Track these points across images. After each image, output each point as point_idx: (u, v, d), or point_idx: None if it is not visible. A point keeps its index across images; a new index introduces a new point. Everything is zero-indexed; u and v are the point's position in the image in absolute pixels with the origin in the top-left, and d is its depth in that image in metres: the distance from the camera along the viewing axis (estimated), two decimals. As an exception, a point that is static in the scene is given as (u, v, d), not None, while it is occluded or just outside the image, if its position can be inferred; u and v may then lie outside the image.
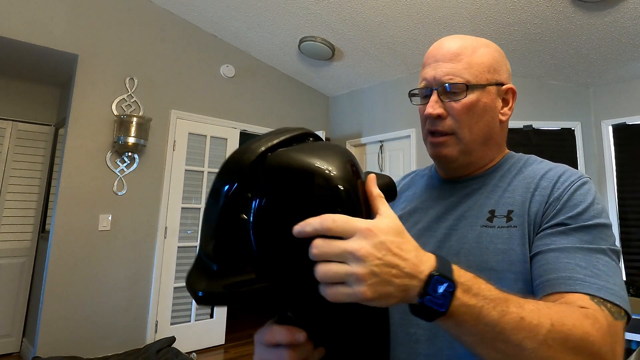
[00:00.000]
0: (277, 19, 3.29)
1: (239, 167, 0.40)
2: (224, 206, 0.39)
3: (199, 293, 0.39)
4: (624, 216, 3.19)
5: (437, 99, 0.67)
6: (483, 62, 0.68)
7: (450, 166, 0.72)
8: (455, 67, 0.66)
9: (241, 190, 0.39)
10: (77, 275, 2.85)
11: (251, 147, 0.41)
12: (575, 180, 0.62)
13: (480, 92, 0.67)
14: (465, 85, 0.66)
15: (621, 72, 3.20)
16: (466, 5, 2.71)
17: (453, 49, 0.68)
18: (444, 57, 0.68)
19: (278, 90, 4.17)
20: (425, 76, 0.69)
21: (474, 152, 0.69)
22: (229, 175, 0.40)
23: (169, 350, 2.79)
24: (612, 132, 3.35)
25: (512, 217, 0.63)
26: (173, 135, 3.40)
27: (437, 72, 0.67)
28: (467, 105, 0.66)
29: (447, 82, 0.66)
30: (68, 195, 2.86)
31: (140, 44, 3.28)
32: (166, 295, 3.26)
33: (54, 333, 2.73)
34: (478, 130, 0.68)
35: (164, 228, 3.30)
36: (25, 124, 3.49)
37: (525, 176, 0.67)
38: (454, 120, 0.67)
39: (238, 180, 0.40)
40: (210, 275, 0.40)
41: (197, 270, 0.42)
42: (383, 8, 2.90)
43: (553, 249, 0.56)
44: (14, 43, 2.80)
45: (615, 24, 2.65)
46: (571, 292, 0.51)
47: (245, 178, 0.39)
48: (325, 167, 0.39)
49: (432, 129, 0.68)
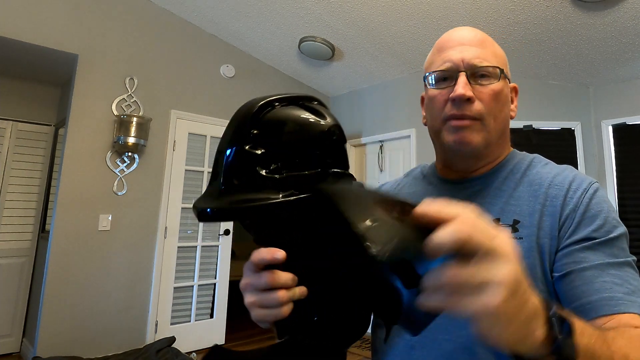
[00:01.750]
0: (277, 19, 3.29)
1: (247, 112, 0.47)
2: (232, 140, 0.46)
3: (207, 210, 0.44)
4: (624, 216, 3.19)
5: (467, 81, 0.63)
6: (501, 54, 0.68)
7: (466, 157, 0.67)
8: (483, 52, 0.65)
9: (248, 128, 0.46)
10: (77, 276, 2.85)
11: (258, 98, 0.49)
12: (587, 187, 0.60)
13: (504, 82, 0.66)
14: (499, 68, 0.64)
15: (621, 72, 3.20)
16: (466, 5, 2.71)
17: (478, 36, 0.67)
18: (470, 42, 0.65)
19: (278, 90, 4.13)
20: (450, 58, 0.65)
21: (492, 144, 0.66)
22: (239, 117, 0.48)
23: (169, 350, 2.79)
24: (612, 132, 3.36)
25: (518, 228, 0.60)
26: (173, 135, 3.40)
27: (465, 55, 0.64)
28: (496, 91, 0.64)
29: (478, 64, 0.63)
30: (68, 195, 2.86)
31: (140, 44, 3.28)
32: (166, 295, 3.26)
33: (54, 333, 2.73)
34: (501, 120, 0.66)
35: (164, 228, 3.30)
36: (25, 124, 3.49)
37: (531, 182, 0.64)
38: (482, 105, 0.63)
39: (245, 120, 0.47)
40: (216, 195, 0.46)
41: (205, 195, 0.48)
42: (383, 8, 2.90)
43: (586, 268, 0.54)
44: (14, 43, 2.80)
45: (615, 24, 2.65)
46: (618, 314, 0.50)
47: (252, 119, 0.46)
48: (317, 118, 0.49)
49: (459, 113, 0.63)
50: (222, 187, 0.46)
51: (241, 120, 0.47)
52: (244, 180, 0.45)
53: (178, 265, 3.36)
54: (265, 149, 0.46)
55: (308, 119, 0.48)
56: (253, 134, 0.46)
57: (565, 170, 0.65)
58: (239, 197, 0.45)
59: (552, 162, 0.69)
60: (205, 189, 0.47)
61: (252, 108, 0.47)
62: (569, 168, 0.66)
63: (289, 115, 0.48)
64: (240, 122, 0.47)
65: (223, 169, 0.46)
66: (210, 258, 3.58)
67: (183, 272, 3.39)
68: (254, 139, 0.46)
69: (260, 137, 0.46)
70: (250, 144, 0.46)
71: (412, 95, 3.70)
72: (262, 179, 0.45)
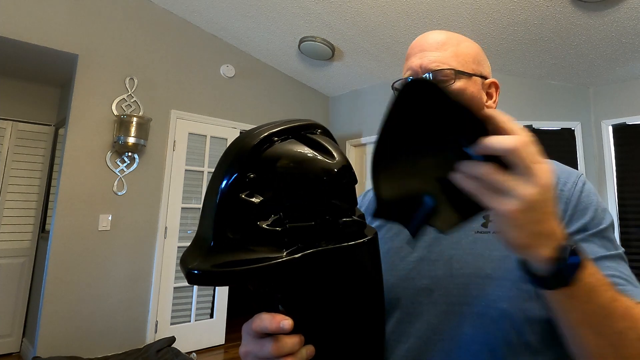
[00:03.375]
0: (277, 19, 3.29)
1: (242, 151, 0.41)
2: (225, 185, 0.40)
3: (195, 272, 0.38)
4: (624, 216, 3.19)
5: None
6: (468, 52, 0.68)
7: None
8: (442, 55, 0.66)
9: (243, 171, 0.40)
10: (77, 275, 2.85)
11: (253, 133, 0.43)
12: (575, 180, 0.62)
13: (467, 81, 0.66)
14: (454, 71, 0.65)
15: (621, 72, 3.20)
16: (466, 5, 2.71)
17: (439, 39, 0.68)
18: (430, 47, 0.67)
19: (278, 90, 4.17)
20: (411, 65, 0.68)
21: None
22: (232, 158, 0.42)
23: (169, 350, 2.79)
24: (612, 132, 3.35)
25: None
26: (173, 135, 3.40)
27: (423, 61, 0.66)
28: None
29: (434, 68, 0.65)
30: (68, 195, 2.86)
31: (140, 44, 3.28)
32: (166, 295, 3.26)
33: (54, 333, 2.73)
34: None
35: (164, 228, 3.30)
36: (25, 124, 3.49)
37: None
38: None
39: (240, 162, 0.41)
40: (206, 250, 0.40)
41: (194, 247, 0.42)
42: (383, 8, 2.90)
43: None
44: (14, 43, 2.80)
45: (615, 24, 2.65)
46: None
47: (247, 161, 0.41)
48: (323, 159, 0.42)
49: None
50: (212, 243, 0.39)
51: (235, 160, 0.41)
52: (239, 234, 0.39)
53: (178, 266, 3.36)
54: (264, 196, 0.40)
55: (314, 158, 0.41)
56: (250, 179, 0.40)
57: (551, 164, 0.66)
58: (234, 256, 0.38)
59: None
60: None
61: (246, 146, 0.41)
62: (554, 162, 0.67)
63: (291, 154, 0.41)
64: (235, 163, 0.40)
65: (214, 219, 0.40)
66: (210, 258, 3.57)
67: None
68: (251, 184, 0.40)
69: (258, 183, 0.40)
70: (246, 191, 0.40)
71: (412, 95, 3.70)
72: (261, 233, 0.39)
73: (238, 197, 0.39)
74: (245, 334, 0.45)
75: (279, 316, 0.42)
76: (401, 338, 0.62)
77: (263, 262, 0.38)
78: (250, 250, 0.39)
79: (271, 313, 0.42)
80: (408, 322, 0.62)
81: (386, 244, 0.69)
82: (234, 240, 0.39)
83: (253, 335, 0.44)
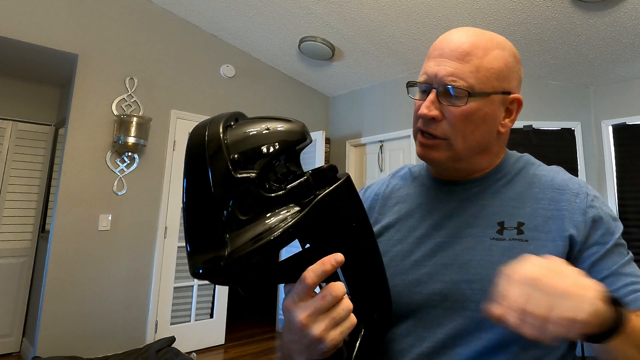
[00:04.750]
0: (277, 19, 3.29)
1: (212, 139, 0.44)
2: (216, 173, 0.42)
3: (221, 265, 0.40)
4: (624, 216, 3.19)
5: (434, 99, 0.61)
6: (493, 67, 0.61)
7: (437, 169, 0.70)
8: (461, 68, 0.60)
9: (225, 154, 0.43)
10: (77, 275, 2.85)
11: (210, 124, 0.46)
12: (586, 191, 0.64)
13: (482, 101, 0.61)
14: (468, 91, 0.59)
15: (621, 72, 3.20)
16: (466, 6, 2.71)
17: (463, 46, 0.61)
18: (450, 54, 0.61)
19: (278, 90, 4.17)
20: (427, 70, 0.63)
21: (464, 160, 0.65)
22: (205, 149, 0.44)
23: (169, 350, 2.79)
24: (612, 132, 3.35)
25: (523, 231, 0.60)
26: (173, 135, 3.40)
27: (440, 70, 0.60)
28: (465, 112, 0.60)
29: (449, 83, 0.59)
30: (68, 195, 2.86)
31: (140, 44, 3.28)
32: (166, 295, 3.26)
33: (54, 333, 2.73)
34: (473, 139, 0.62)
35: (164, 228, 3.30)
36: (25, 124, 3.49)
37: (530, 184, 0.66)
38: (449, 125, 0.61)
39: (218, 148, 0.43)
40: (220, 245, 0.41)
41: (200, 252, 0.44)
42: (383, 8, 2.90)
43: (607, 275, 0.59)
44: (14, 43, 2.80)
45: (615, 24, 2.65)
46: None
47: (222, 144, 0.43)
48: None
49: (425, 129, 0.63)
50: (226, 232, 0.40)
51: (211, 149, 0.42)
52: (250, 211, 0.41)
53: (178, 265, 3.36)
54: (255, 168, 0.42)
55: (276, 125, 0.46)
56: (235, 158, 0.41)
57: (559, 172, 0.67)
58: (255, 231, 0.40)
59: (541, 163, 0.71)
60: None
61: (214, 134, 0.43)
62: (561, 170, 0.68)
63: (258, 128, 0.45)
64: (213, 151, 0.42)
65: (218, 209, 0.41)
66: (210, 258, 3.57)
67: (183, 272, 3.39)
68: (238, 163, 0.41)
69: (245, 158, 0.42)
70: (240, 170, 0.41)
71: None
72: (268, 201, 0.42)
73: (234, 178, 0.41)
74: (295, 305, 0.44)
75: (326, 258, 0.44)
76: (415, 342, 0.61)
77: (286, 222, 0.41)
78: (266, 219, 0.41)
79: (315, 263, 0.44)
80: (422, 327, 0.61)
81: (394, 247, 0.68)
82: (246, 220, 0.41)
83: (303, 298, 0.44)
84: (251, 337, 3.82)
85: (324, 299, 0.43)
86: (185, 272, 3.42)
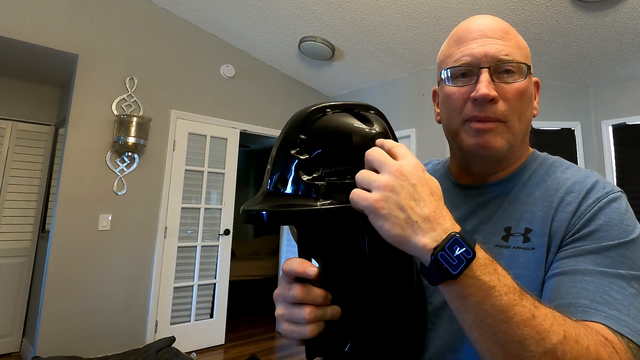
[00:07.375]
0: (277, 19, 3.29)
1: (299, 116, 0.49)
2: (281, 143, 0.47)
3: (252, 212, 0.44)
4: (624, 216, 3.19)
5: (489, 79, 0.56)
6: (526, 46, 0.61)
7: (487, 161, 0.61)
8: (508, 44, 0.58)
9: (296, 132, 0.47)
10: (77, 275, 2.85)
11: (313, 105, 0.50)
12: (602, 196, 0.54)
13: (530, 79, 0.59)
14: (527, 65, 0.57)
15: (621, 72, 3.20)
16: (466, 6, 2.71)
17: (501, 25, 0.59)
18: (493, 33, 0.58)
19: (278, 90, 4.18)
20: (471, 52, 0.58)
21: (515, 146, 0.60)
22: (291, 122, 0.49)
23: (169, 350, 2.79)
24: (612, 132, 3.35)
25: (529, 238, 0.55)
26: (173, 135, 3.40)
27: (488, 48, 0.57)
28: (521, 90, 0.57)
29: (505, 59, 0.56)
30: (68, 195, 2.86)
31: (140, 44, 3.28)
32: (166, 295, 3.26)
33: (54, 333, 2.73)
34: (525, 121, 0.59)
35: (164, 228, 3.30)
36: (25, 124, 3.49)
37: (548, 187, 0.58)
38: (506, 105, 0.57)
39: (295, 125, 0.48)
40: (261, 198, 0.46)
41: (254, 198, 0.49)
42: (383, 8, 2.90)
43: (558, 273, 0.50)
44: (14, 43, 2.80)
45: (615, 24, 2.65)
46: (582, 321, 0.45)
47: (301, 124, 0.47)
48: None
49: (481, 115, 0.56)
50: (269, 189, 0.47)
51: (292, 125, 0.48)
52: (286, 184, 0.46)
53: (178, 265, 3.36)
54: (310, 154, 0.45)
55: (355, 126, 0.47)
56: (300, 139, 0.46)
57: (588, 176, 0.57)
58: (279, 201, 0.45)
59: (575, 167, 0.62)
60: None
61: (303, 113, 0.48)
62: (593, 174, 0.58)
63: (337, 122, 0.47)
64: (291, 126, 0.47)
65: (270, 172, 0.47)
66: (210, 258, 3.58)
67: (183, 272, 3.39)
68: (301, 144, 0.46)
69: (307, 143, 0.46)
70: (296, 149, 0.46)
71: (412, 95, 3.70)
72: (303, 185, 0.45)
73: (289, 153, 0.46)
74: (281, 278, 0.48)
75: (308, 263, 0.45)
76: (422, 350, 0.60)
77: (300, 207, 0.44)
78: (293, 198, 0.45)
79: (303, 259, 0.45)
80: (426, 337, 0.60)
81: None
82: (283, 190, 0.46)
83: (286, 280, 0.46)
84: (251, 337, 3.82)
85: (289, 290, 0.45)
86: (185, 272, 3.42)
